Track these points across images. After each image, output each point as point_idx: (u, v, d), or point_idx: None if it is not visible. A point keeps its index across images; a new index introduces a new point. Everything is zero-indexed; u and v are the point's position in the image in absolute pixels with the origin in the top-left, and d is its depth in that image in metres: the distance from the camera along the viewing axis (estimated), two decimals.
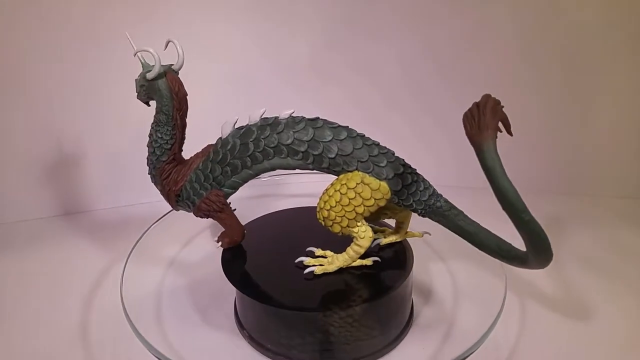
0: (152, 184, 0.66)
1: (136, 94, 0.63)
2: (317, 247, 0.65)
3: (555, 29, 0.91)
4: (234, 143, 0.61)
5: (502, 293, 0.63)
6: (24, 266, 0.85)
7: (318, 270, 0.61)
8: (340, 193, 0.58)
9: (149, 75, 0.58)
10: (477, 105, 0.49)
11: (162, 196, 0.67)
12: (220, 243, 0.67)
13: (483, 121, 0.48)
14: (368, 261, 0.63)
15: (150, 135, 0.63)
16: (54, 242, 0.91)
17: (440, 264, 0.79)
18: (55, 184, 0.99)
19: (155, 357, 0.56)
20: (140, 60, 0.61)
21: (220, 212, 0.64)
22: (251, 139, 0.60)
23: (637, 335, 0.65)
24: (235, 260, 0.66)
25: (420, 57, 0.96)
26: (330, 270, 0.62)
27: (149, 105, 0.64)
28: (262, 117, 0.61)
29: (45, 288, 0.79)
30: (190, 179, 0.63)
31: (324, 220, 0.60)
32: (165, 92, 0.60)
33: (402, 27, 0.96)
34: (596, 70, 0.93)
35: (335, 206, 0.58)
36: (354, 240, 0.61)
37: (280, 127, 0.59)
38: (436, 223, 0.62)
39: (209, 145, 0.65)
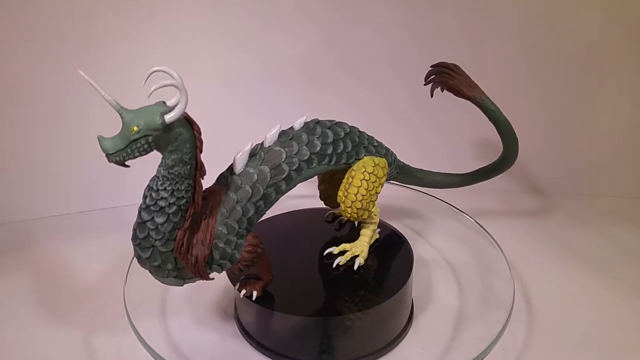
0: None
1: (119, 153, 0.43)
2: (317, 247, 0.66)
3: (559, 28, 0.91)
4: (261, 171, 0.53)
5: (511, 294, 0.63)
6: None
7: (361, 260, 0.63)
8: (365, 180, 0.61)
9: (170, 118, 0.43)
10: (452, 70, 0.63)
11: (162, 279, 0.50)
12: (255, 293, 0.57)
13: (468, 79, 0.63)
14: (375, 234, 0.69)
15: (163, 199, 0.46)
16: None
17: (440, 261, 0.80)
18: None
19: (153, 358, 0.55)
20: (115, 106, 0.42)
21: (263, 254, 0.54)
22: (283, 160, 0.54)
23: (638, 335, 0.66)
24: None
25: (417, 58, 0.88)
26: (366, 255, 0.65)
27: (128, 166, 0.46)
28: (279, 133, 0.55)
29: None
30: (219, 234, 0.50)
31: (357, 212, 0.62)
32: (188, 136, 0.45)
33: (398, 27, 0.92)
34: (597, 70, 0.94)
35: (365, 195, 0.61)
36: (368, 219, 0.65)
37: (304, 138, 0.56)
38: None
39: (206, 191, 0.52)
